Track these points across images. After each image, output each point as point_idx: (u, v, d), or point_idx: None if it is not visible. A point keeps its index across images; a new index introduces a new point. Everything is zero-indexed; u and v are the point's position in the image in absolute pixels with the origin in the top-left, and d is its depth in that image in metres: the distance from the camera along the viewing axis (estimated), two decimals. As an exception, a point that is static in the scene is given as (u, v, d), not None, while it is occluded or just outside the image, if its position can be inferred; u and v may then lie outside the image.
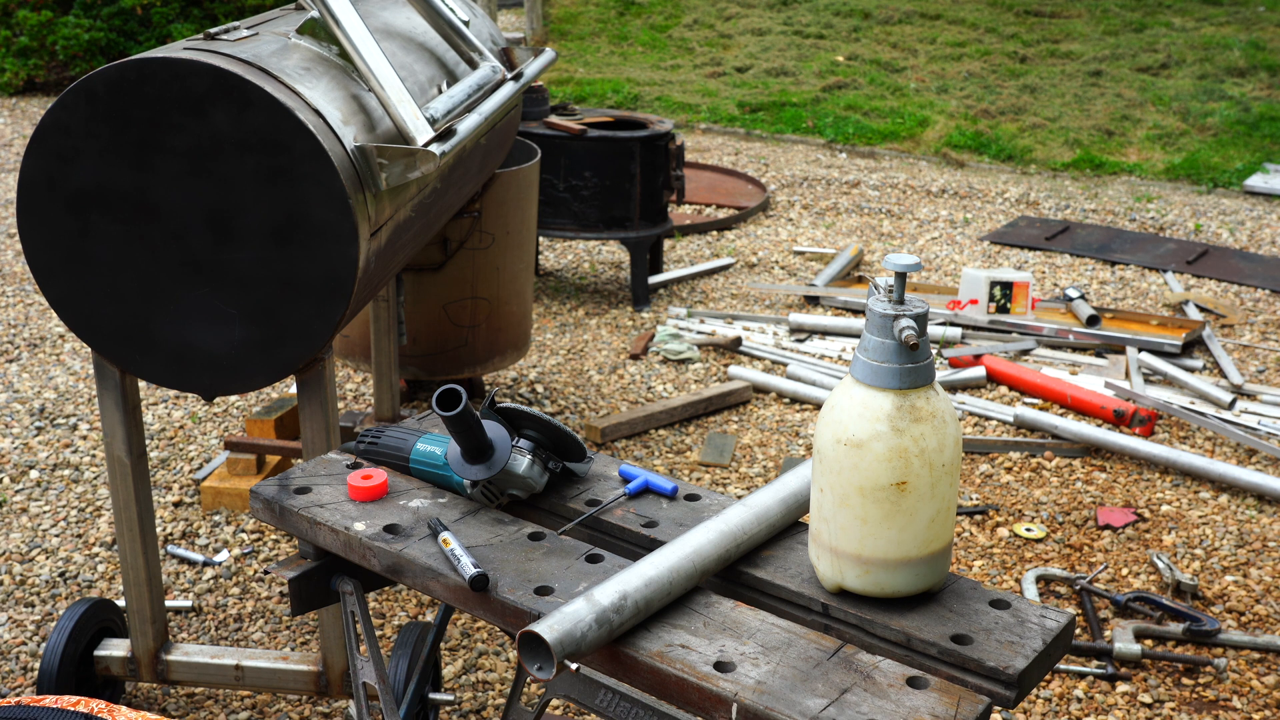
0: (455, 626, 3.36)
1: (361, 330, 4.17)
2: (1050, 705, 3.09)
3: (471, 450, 1.90)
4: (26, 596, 3.48)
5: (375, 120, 2.67)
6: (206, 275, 2.48)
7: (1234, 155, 8.27)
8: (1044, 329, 5.25)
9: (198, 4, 9.98)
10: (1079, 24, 11.42)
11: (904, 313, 1.61)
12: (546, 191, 5.46)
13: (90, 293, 2.52)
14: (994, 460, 4.32)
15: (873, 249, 6.57)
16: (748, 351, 5.22)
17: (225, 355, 2.53)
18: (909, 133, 8.88)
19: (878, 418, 1.61)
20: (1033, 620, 1.64)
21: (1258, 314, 5.70)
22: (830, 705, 1.48)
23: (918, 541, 1.64)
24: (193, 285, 2.48)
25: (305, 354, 2.55)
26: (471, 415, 1.86)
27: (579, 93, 9.82)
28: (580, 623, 1.55)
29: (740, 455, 4.36)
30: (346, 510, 1.93)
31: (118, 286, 2.50)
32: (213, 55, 2.43)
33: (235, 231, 2.45)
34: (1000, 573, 3.65)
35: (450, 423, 1.84)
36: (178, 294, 2.49)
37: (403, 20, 3.31)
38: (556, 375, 5.01)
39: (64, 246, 2.49)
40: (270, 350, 2.53)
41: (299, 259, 2.46)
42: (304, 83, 2.50)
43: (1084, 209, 7.39)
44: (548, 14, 12.17)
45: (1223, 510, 4.00)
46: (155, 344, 2.54)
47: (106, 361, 2.62)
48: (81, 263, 2.50)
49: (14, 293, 5.77)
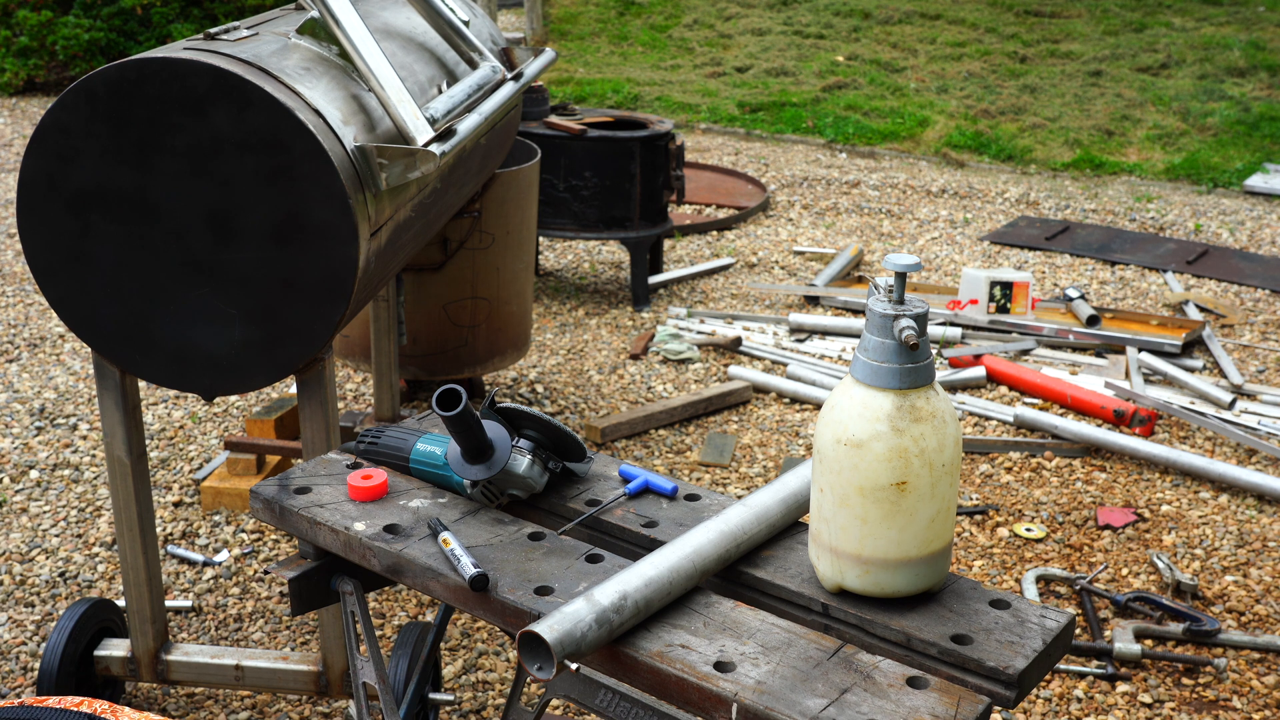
0: (455, 626, 3.36)
1: (361, 330, 4.17)
2: (1050, 705, 3.09)
3: (471, 450, 1.90)
4: (26, 596, 3.48)
5: (375, 120, 2.67)
6: (207, 275, 2.48)
7: (1234, 155, 8.27)
8: (1044, 329, 5.25)
9: (198, 4, 9.98)
10: (1079, 24, 11.42)
11: (904, 313, 1.61)
12: (546, 191, 5.46)
13: (90, 293, 2.52)
14: (994, 460, 4.32)
15: (873, 249, 6.57)
16: (748, 351, 5.22)
17: (225, 355, 2.53)
18: (909, 133, 8.88)
19: (878, 418, 1.61)
20: (1033, 620, 1.64)
21: (1258, 314, 5.70)
22: (830, 705, 1.48)
23: (918, 541, 1.64)
24: (193, 285, 2.48)
25: (305, 354, 2.55)
26: (471, 415, 1.86)
27: (579, 93, 9.82)
28: (580, 623, 1.55)
29: (740, 455, 4.36)
30: (346, 510, 1.93)
31: (118, 286, 2.50)
32: (213, 55, 2.43)
33: (235, 231, 2.45)
34: (1000, 573, 3.65)
35: (450, 423, 1.84)
36: (178, 294, 2.49)
37: (403, 20, 3.31)
38: (556, 375, 5.01)
39: (64, 246, 2.49)
40: (270, 350, 2.53)
41: (299, 259, 2.46)
42: (304, 83, 2.50)
43: (1084, 209, 7.39)
44: (548, 14, 12.17)
45: (1223, 510, 4.01)
46: (155, 344, 2.54)
47: (106, 361, 2.62)
48: (81, 263, 2.50)
49: (14, 293, 5.77)
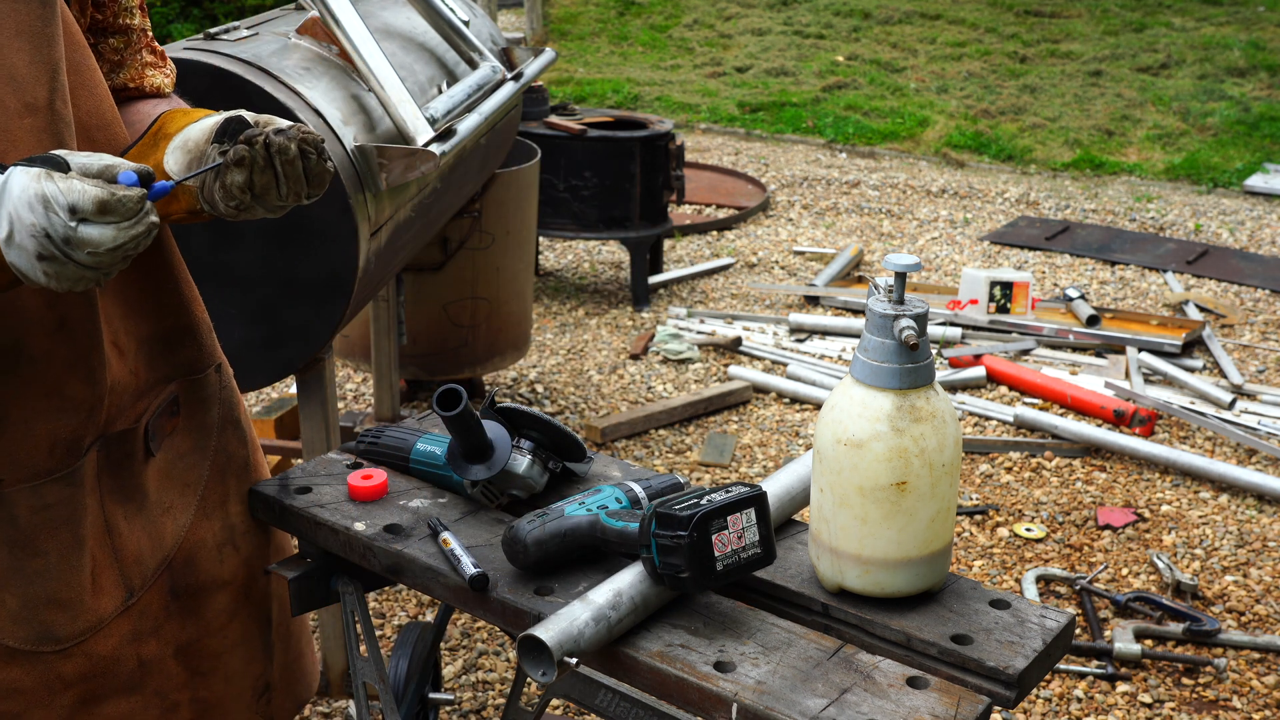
0: (455, 626, 3.36)
1: (361, 330, 4.17)
2: (1050, 705, 3.09)
3: (471, 450, 1.90)
4: (26, 596, 3.48)
5: (375, 120, 2.67)
6: (207, 275, 2.48)
7: (1234, 155, 8.27)
8: (1044, 329, 5.25)
9: (198, 4, 9.98)
10: (1079, 24, 11.42)
11: (904, 313, 1.60)
12: (546, 191, 5.46)
13: (90, 293, 2.51)
14: (994, 460, 4.32)
15: (873, 249, 6.57)
16: (748, 351, 5.22)
17: (225, 355, 2.52)
18: (909, 133, 8.88)
19: (878, 418, 1.61)
20: (1033, 620, 1.64)
21: (1258, 314, 5.70)
22: (830, 705, 1.48)
23: (918, 541, 1.64)
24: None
25: (305, 354, 2.55)
26: (471, 415, 1.86)
27: (579, 93, 9.82)
28: (576, 621, 1.55)
29: (740, 455, 4.36)
30: (346, 510, 1.93)
31: (118, 286, 2.50)
32: (213, 55, 2.43)
33: (235, 231, 2.45)
34: (1000, 573, 3.65)
35: (450, 423, 1.84)
36: (178, 294, 2.49)
37: (403, 20, 3.31)
38: (556, 375, 5.01)
39: (64, 246, 2.48)
40: (270, 350, 2.53)
41: (299, 259, 2.46)
42: (304, 83, 2.50)
43: (1084, 209, 7.39)
44: (548, 14, 12.17)
45: (1223, 510, 4.01)
46: (155, 344, 2.53)
47: (106, 361, 2.61)
48: (81, 263, 2.49)
49: (14, 293, 5.77)
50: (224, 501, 1.87)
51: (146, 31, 1.74)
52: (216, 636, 1.85)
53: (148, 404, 1.72)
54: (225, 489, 1.87)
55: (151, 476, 1.75)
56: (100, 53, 1.68)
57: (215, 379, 1.86)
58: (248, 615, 1.91)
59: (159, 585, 1.76)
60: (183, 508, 1.80)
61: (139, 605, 1.72)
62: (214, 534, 1.85)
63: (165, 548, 1.77)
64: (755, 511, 1.64)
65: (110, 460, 1.67)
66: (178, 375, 1.79)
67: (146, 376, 1.72)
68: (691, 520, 1.57)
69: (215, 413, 1.86)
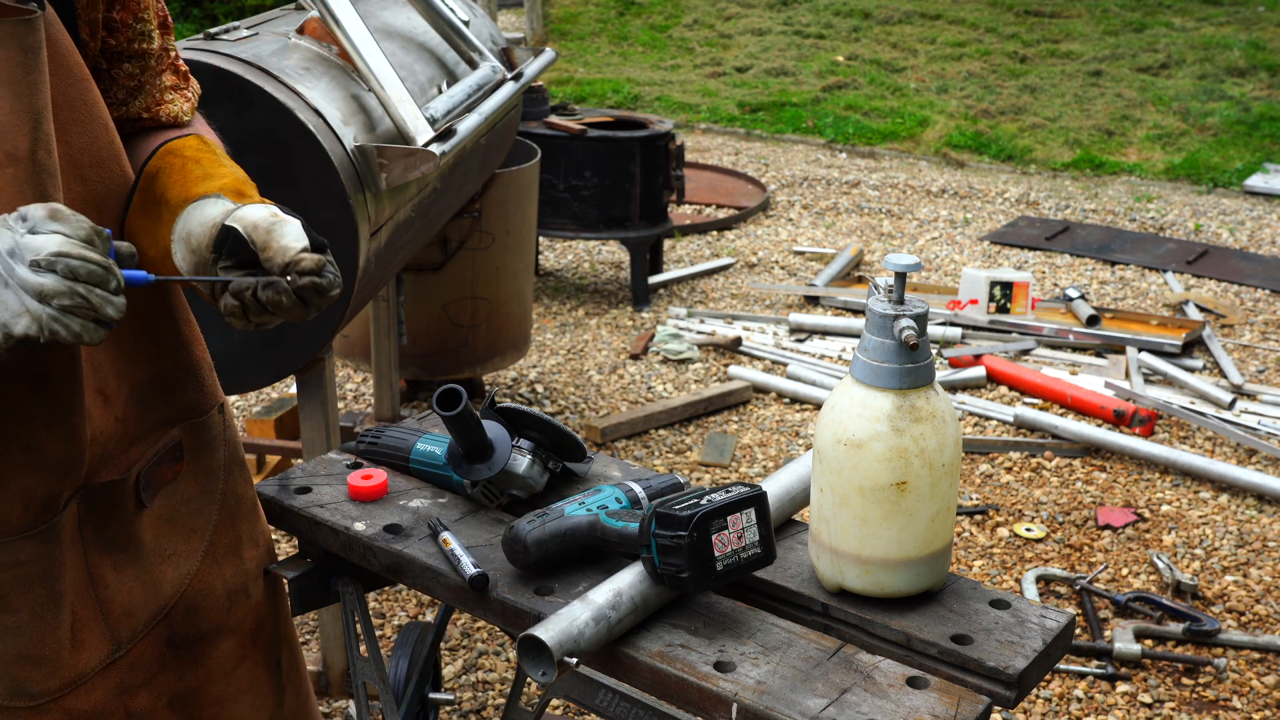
0: (455, 626, 3.36)
1: (361, 330, 4.17)
2: (1050, 705, 3.09)
3: (471, 450, 1.90)
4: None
5: (375, 120, 2.67)
6: (206, 275, 2.47)
7: (1234, 155, 8.27)
8: (1044, 329, 5.25)
9: (198, 4, 9.99)
10: (1079, 24, 11.42)
11: (904, 313, 1.60)
12: (546, 191, 5.46)
13: (90, 293, 2.51)
14: (994, 460, 4.32)
15: (873, 249, 6.57)
16: (748, 351, 5.22)
17: (225, 355, 2.52)
18: (909, 133, 8.88)
19: (878, 418, 1.61)
20: (1033, 620, 1.64)
21: (1258, 314, 5.70)
22: (830, 705, 1.48)
23: (918, 541, 1.64)
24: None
25: (305, 354, 2.55)
26: (471, 415, 1.86)
27: (579, 93, 9.82)
28: (576, 621, 1.55)
29: (740, 455, 4.36)
30: (346, 510, 1.93)
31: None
32: (213, 55, 2.43)
33: (235, 231, 2.45)
34: (1000, 573, 3.65)
35: (450, 423, 1.84)
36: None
37: (403, 20, 3.31)
38: (556, 375, 5.01)
39: (64, 246, 2.48)
40: (270, 350, 2.53)
41: (299, 259, 2.45)
42: (304, 83, 2.50)
43: (1084, 209, 7.39)
44: (548, 14, 12.17)
45: (1223, 510, 4.01)
46: (155, 344, 2.54)
47: (106, 361, 2.61)
48: (81, 263, 2.49)
49: (14, 293, 5.77)
50: (236, 546, 1.80)
51: (169, 52, 1.68)
52: (219, 684, 1.77)
53: (141, 452, 1.64)
54: (236, 533, 1.80)
55: (148, 524, 1.67)
56: (114, 78, 1.62)
57: (219, 420, 1.78)
58: (255, 661, 1.83)
59: (153, 636, 1.68)
60: (186, 554, 1.72)
61: (129, 657, 1.65)
62: (224, 580, 1.77)
63: (163, 596, 1.69)
64: (755, 511, 1.64)
65: (94, 512, 1.58)
66: (179, 419, 1.70)
67: (138, 423, 1.64)
68: (691, 520, 1.57)
69: (221, 454, 1.78)
